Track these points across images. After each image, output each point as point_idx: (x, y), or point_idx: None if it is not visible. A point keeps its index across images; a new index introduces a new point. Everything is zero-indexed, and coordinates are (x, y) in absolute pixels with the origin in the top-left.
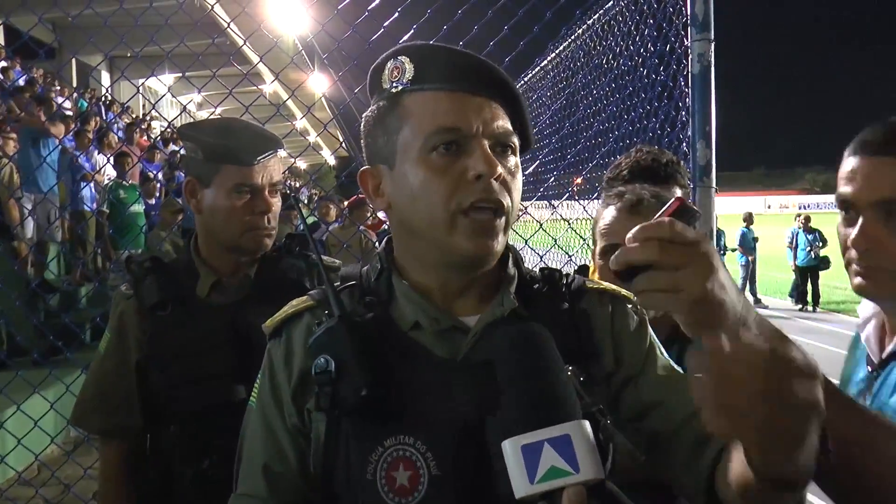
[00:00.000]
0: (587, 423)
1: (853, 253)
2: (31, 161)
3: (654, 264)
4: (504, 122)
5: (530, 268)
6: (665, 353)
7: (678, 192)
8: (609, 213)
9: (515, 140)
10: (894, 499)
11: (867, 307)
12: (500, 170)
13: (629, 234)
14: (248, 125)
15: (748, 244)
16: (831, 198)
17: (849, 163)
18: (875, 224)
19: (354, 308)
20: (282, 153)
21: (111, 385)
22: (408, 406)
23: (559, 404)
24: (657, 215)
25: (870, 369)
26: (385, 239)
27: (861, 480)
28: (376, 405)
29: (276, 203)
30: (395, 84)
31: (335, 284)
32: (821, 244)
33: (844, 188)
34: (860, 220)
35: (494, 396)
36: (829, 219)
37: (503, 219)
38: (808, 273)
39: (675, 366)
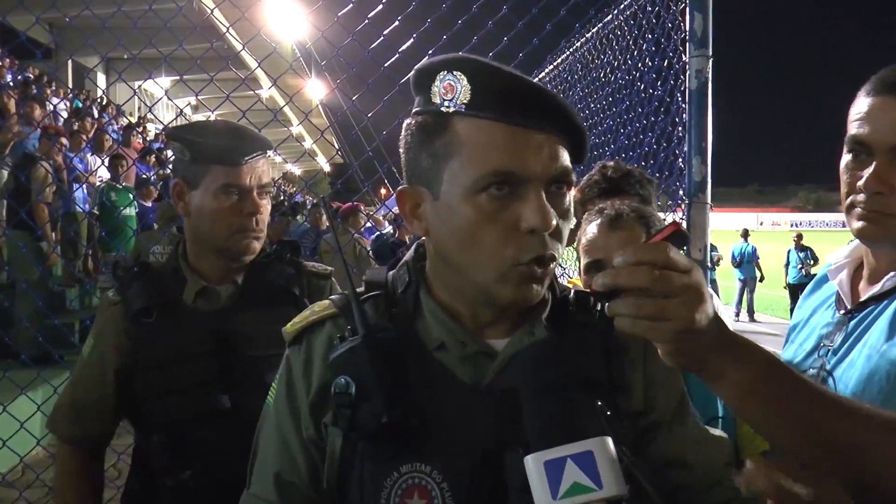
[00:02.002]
0: (610, 440)
1: (860, 196)
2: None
3: (642, 290)
4: (562, 160)
5: (563, 286)
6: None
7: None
8: (591, 229)
9: (573, 177)
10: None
11: (839, 254)
12: (553, 221)
13: (618, 257)
14: (237, 126)
15: (746, 259)
16: (823, 216)
17: (864, 103)
18: (889, 168)
19: (379, 321)
20: (274, 156)
21: (87, 393)
22: (427, 432)
23: (582, 421)
24: (651, 239)
25: (842, 312)
26: (415, 245)
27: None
28: (397, 430)
29: (266, 206)
30: (446, 103)
31: (358, 291)
32: (812, 262)
33: (858, 129)
34: (874, 163)
35: (516, 424)
36: (820, 236)
37: (553, 265)
38: (799, 291)
39: (705, 426)
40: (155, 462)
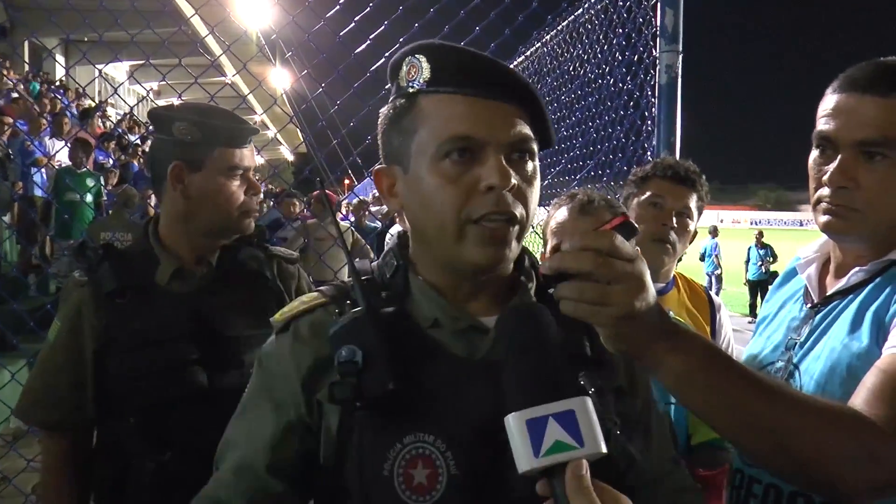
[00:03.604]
0: (590, 400)
1: (825, 190)
2: None
3: (586, 275)
4: (521, 128)
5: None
6: None
7: (693, 201)
8: (560, 213)
9: (534, 145)
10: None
11: (808, 249)
12: (513, 180)
13: (565, 242)
14: (231, 110)
15: (708, 254)
16: (783, 214)
17: (831, 100)
18: (854, 163)
19: (375, 301)
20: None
21: (59, 377)
22: (428, 403)
23: (563, 380)
24: (599, 228)
25: (809, 306)
26: (398, 234)
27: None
28: (399, 400)
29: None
30: (411, 83)
31: (345, 281)
32: (772, 259)
33: (825, 125)
34: (839, 158)
35: None
36: (779, 235)
37: (517, 227)
38: (758, 287)
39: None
40: (132, 446)
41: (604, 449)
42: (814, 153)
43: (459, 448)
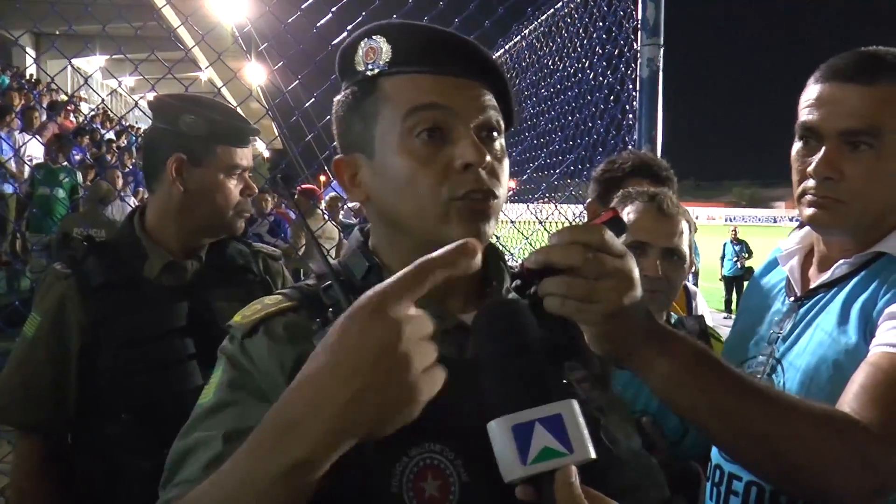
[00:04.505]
0: (576, 403)
1: (810, 182)
2: None
3: (574, 270)
4: (489, 104)
5: (511, 267)
6: None
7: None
8: (636, 211)
9: (501, 122)
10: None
11: (790, 241)
12: (488, 157)
13: (553, 237)
14: (231, 107)
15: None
16: (757, 211)
17: (814, 90)
18: (839, 153)
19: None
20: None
21: (40, 374)
22: (428, 410)
23: (549, 382)
24: (587, 222)
25: (792, 299)
26: (356, 230)
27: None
28: None
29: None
30: (370, 66)
31: (309, 283)
32: (747, 255)
33: (808, 116)
34: (823, 149)
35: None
36: (754, 231)
37: (496, 201)
38: (733, 282)
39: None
40: (124, 445)
41: (593, 454)
42: (797, 145)
43: (468, 454)
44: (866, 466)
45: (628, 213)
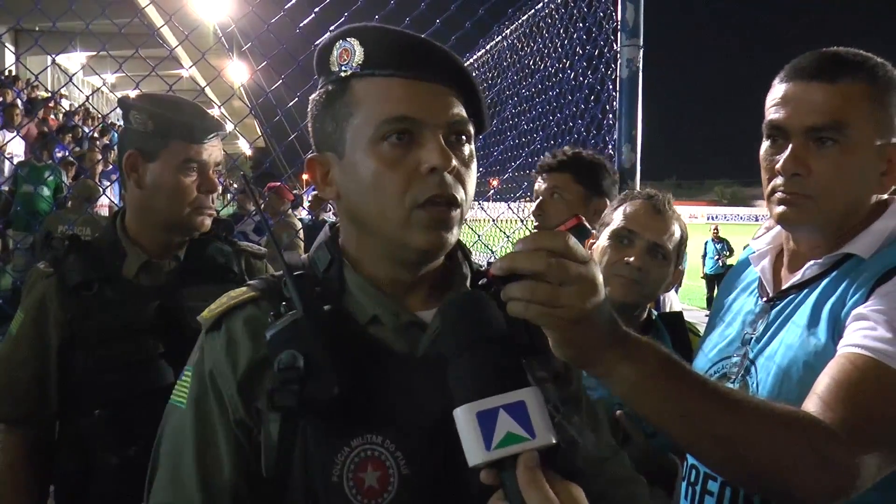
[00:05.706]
0: (539, 391)
1: (779, 180)
2: None
3: (538, 275)
4: (458, 110)
5: (477, 264)
6: None
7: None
8: (632, 208)
9: (470, 128)
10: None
11: (762, 241)
12: (454, 162)
13: (519, 244)
14: (196, 104)
15: None
16: (738, 210)
17: (779, 89)
18: (805, 150)
19: (310, 298)
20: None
21: (23, 370)
22: (374, 404)
23: (512, 370)
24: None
25: (764, 300)
26: (327, 226)
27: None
28: (345, 403)
29: (217, 183)
30: (343, 67)
31: (276, 275)
32: (728, 253)
33: (774, 114)
34: (790, 146)
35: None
36: (735, 229)
37: (458, 210)
38: (715, 281)
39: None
40: (96, 440)
41: (554, 440)
42: (765, 144)
43: (409, 447)
44: (829, 467)
45: (625, 207)
